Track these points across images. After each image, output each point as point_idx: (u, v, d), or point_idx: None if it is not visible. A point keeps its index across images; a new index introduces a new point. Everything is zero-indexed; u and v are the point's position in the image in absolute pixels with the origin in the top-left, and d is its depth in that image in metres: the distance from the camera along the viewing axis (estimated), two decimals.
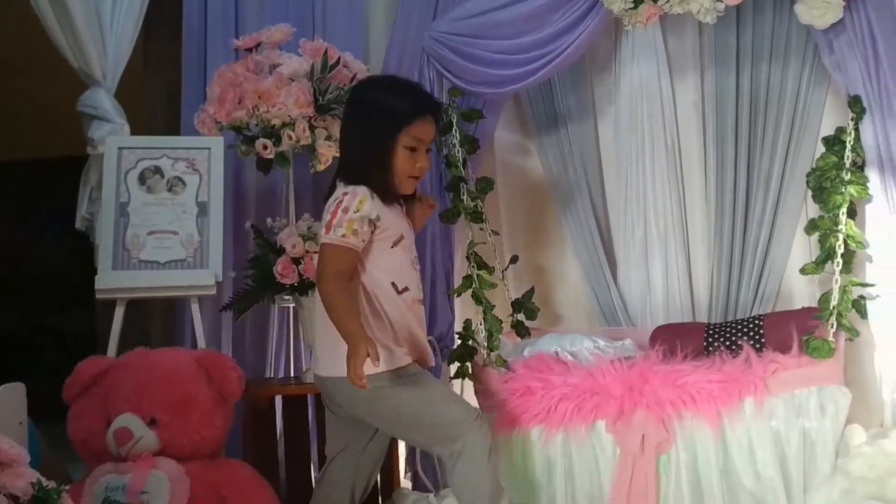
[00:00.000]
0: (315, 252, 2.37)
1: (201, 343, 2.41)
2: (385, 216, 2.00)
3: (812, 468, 2.16)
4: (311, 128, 2.51)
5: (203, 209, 2.44)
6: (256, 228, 2.52)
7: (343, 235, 1.94)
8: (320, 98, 2.53)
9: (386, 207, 2.00)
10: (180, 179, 2.45)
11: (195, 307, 2.43)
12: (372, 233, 1.98)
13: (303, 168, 2.68)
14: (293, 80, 2.50)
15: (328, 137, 2.55)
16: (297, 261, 2.39)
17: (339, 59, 2.57)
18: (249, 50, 2.60)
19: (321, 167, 2.57)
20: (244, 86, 2.50)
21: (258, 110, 2.47)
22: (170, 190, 2.43)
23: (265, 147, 2.49)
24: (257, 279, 2.45)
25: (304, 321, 2.50)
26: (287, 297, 2.53)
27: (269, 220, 2.53)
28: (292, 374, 2.73)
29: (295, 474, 2.60)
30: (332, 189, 2.06)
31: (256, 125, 2.51)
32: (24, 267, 5.04)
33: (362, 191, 1.97)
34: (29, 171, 4.81)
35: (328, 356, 1.99)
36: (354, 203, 1.95)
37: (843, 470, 2.13)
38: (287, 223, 2.53)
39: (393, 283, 2.01)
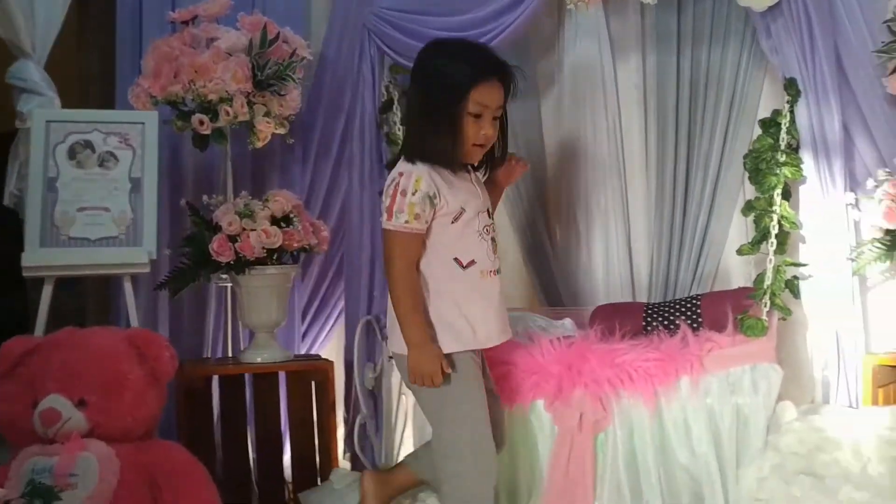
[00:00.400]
0: (251, 230, 2.34)
1: (134, 322, 2.35)
2: (444, 192, 1.92)
3: (745, 444, 2.20)
4: (250, 104, 2.46)
5: (136, 185, 2.37)
6: (191, 205, 2.46)
7: (406, 222, 1.90)
8: (259, 73, 2.47)
9: (445, 182, 1.93)
10: (112, 154, 2.37)
11: (128, 286, 2.37)
12: (434, 211, 1.93)
13: (242, 145, 2.63)
14: (231, 55, 2.44)
15: (267, 114, 2.50)
16: (233, 238, 2.34)
17: (278, 34, 2.52)
18: (186, 23, 2.53)
19: (259, 144, 2.53)
20: (180, 60, 2.43)
21: (194, 85, 2.41)
22: (101, 165, 2.35)
23: (201, 123, 2.43)
24: (192, 257, 2.40)
25: (242, 300, 2.46)
26: (224, 276, 2.49)
27: (205, 198, 2.48)
28: (230, 354, 2.68)
29: (232, 456, 2.57)
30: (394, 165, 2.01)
31: (193, 100, 2.45)
32: None
33: (417, 170, 1.92)
34: None
35: (396, 333, 1.98)
36: (411, 184, 1.90)
37: (774, 445, 2.17)
38: (224, 200, 2.49)
39: (456, 259, 1.95)
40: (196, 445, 2.26)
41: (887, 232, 2.26)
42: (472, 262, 1.96)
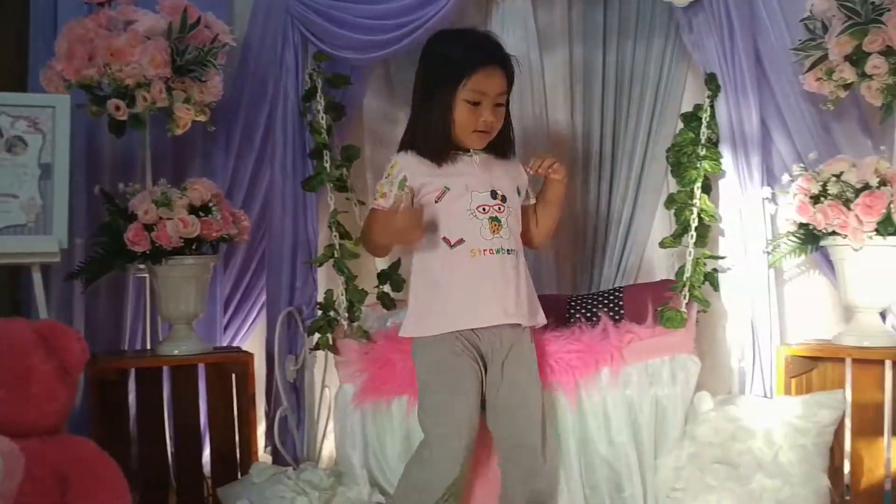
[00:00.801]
0: (168, 219, 2.28)
1: (44, 314, 2.27)
2: (422, 175, 1.99)
3: (663, 434, 2.22)
4: (169, 89, 2.39)
5: (46, 171, 2.28)
6: (106, 193, 2.39)
7: (374, 199, 2.06)
8: (178, 58, 2.41)
9: (428, 166, 1.99)
10: (21, 139, 2.27)
11: (37, 276, 2.28)
12: (413, 198, 1.99)
13: (162, 132, 2.55)
14: (149, 39, 2.37)
15: (187, 100, 2.43)
16: (149, 228, 2.28)
17: (199, 18, 2.45)
18: (102, 4, 2.44)
19: (179, 131, 2.46)
20: (95, 42, 2.35)
21: (110, 68, 2.34)
22: (9, 150, 2.26)
23: (117, 108, 2.36)
24: (106, 247, 2.33)
25: (159, 292, 2.40)
26: (141, 267, 2.42)
27: (121, 185, 2.41)
28: (149, 347, 2.62)
29: (149, 451, 2.50)
30: None
31: (108, 84, 2.37)
32: None
33: (399, 157, 2.04)
34: None
35: (407, 319, 2.07)
36: (387, 168, 2.06)
37: (691, 435, 2.20)
38: (142, 188, 2.42)
39: (445, 238, 1.99)
40: (110, 440, 2.20)
41: (801, 226, 2.31)
42: (461, 241, 1.98)
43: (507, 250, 2.00)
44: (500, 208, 2.00)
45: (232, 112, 2.72)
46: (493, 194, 2.00)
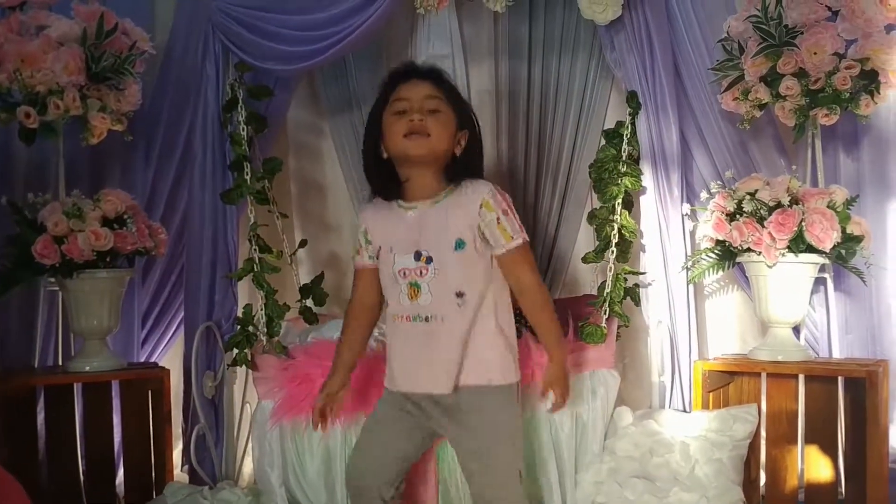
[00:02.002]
0: (79, 231, 2.21)
1: None
2: (371, 227, 1.96)
3: (583, 448, 2.24)
4: (84, 97, 2.33)
5: None
6: (13, 204, 2.30)
7: (352, 257, 2.02)
8: (94, 65, 2.34)
9: (379, 216, 1.94)
10: None
11: None
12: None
13: (79, 141, 2.48)
14: (62, 45, 2.30)
15: (103, 108, 2.37)
16: (59, 240, 2.21)
17: (116, 24, 2.39)
18: (13, 8, 2.36)
19: (94, 140, 2.39)
20: (5, 47, 2.27)
21: (20, 74, 2.26)
22: None
23: (27, 115, 2.28)
24: (14, 260, 2.24)
25: (70, 306, 2.32)
26: (52, 280, 2.34)
27: (30, 196, 2.32)
28: (61, 363, 2.53)
29: (59, 471, 2.41)
30: None
31: (19, 91, 2.29)
32: None
33: (363, 208, 2.01)
34: None
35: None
36: (359, 219, 2.01)
37: (611, 450, 2.22)
38: (53, 199, 2.34)
39: (386, 302, 1.96)
40: (17, 461, 2.13)
41: (718, 242, 2.35)
42: (387, 304, 1.95)
43: (425, 317, 1.86)
44: (421, 272, 1.87)
45: (152, 122, 2.67)
46: (417, 256, 1.88)
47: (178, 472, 2.54)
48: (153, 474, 2.42)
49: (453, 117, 1.90)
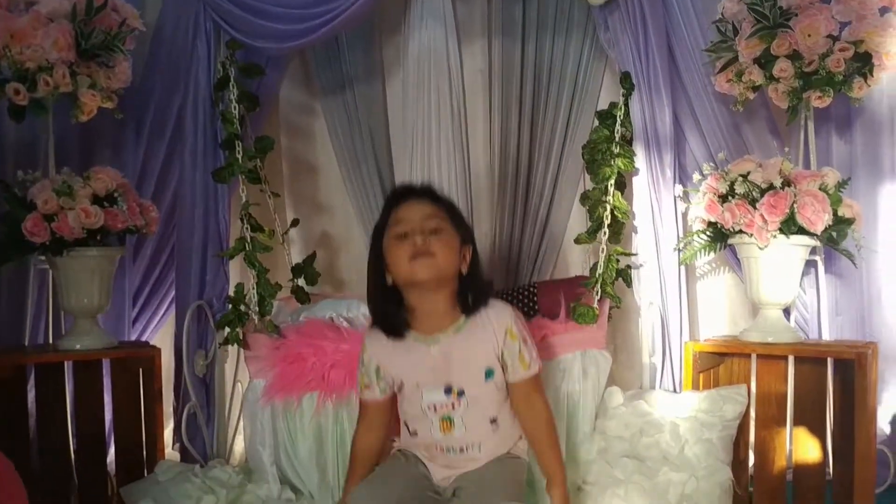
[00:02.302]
0: (70, 209, 2.20)
1: None
2: (385, 361, 1.89)
3: (574, 429, 2.24)
4: (73, 74, 2.31)
5: None
6: (3, 182, 2.28)
7: (360, 391, 1.95)
8: (83, 42, 2.32)
9: (390, 350, 1.87)
10: None
11: None
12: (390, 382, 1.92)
13: (69, 118, 2.46)
14: (52, 21, 2.28)
15: (93, 86, 2.35)
16: (49, 218, 2.20)
17: (106, 1, 2.36)
18: None
19: (84, 118, 2.37)
20: None
21: (10, 51, 2.24)
22: None
23: (17, 92, 2.26)
24: (3, 237, 2.23)
25: (60, 284, 2.31)
26: (42, 258, 2.33)
27: (20, 173, 2.31)
28: (51, 342, 2.52)
29: (50, 449, 2.41)
30: None
31: (8, 68, 2.27)
32: None
33: (366, 339, 1.93)
34: None
35: None
36: (361, 354, 1.93)
37: (601, 430, 2.23)
38: (43, 177, 2.32)
39: (405, 423, 1.93)
40: (7, 440, 2.12)
41: (710, 224, 2.35)
42: (416, 433, 1.92)
43: (460, 448, 1.87)
44: (454, 405, 1.85)
45: (143, 100, 2.64)
46: (448, 390, 1.85)
47: (170, 451, 2.54)
48: (144, 453, 2.41)
49: (455, 235, 1.86)
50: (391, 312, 1.86)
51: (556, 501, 1.87)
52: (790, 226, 2.21)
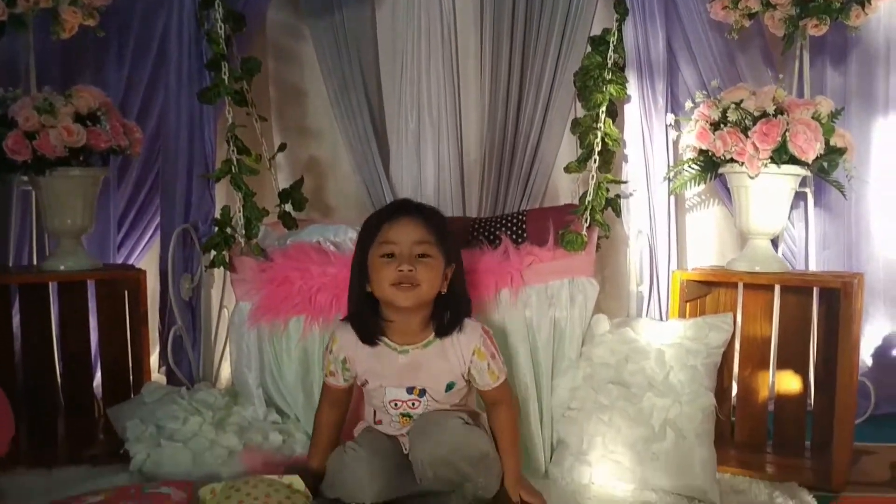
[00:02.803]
0: (51, 127, 2.16)
1: None
2: (352, 356, 1.92)
3: (560, 355, 2.24)
4: None
5: None
6: None
7: (325, 375, 1.99)
8: None
9: (359, 347, 1.90)
10: None
11: None
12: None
13: (49, 35, 2.40)
14: None
15: (73, 2, 2.29)
16: (31, 136, 2.16)
17: None
18: None
19: (65, 35, 2.33)
20: None
21: None
22: None
23: None
24: None
25: (43, 204, 2.28)
26: (25, 178, 2.30)
27: (0, 91, 2.26)
28: (35, 261, 2.50)
29: (35, 371, 2.41)
30: None
31: None
32: None
33: (337, 330, 1.95)
34: None
35: None
36: (330, 342, 1.97)
37: (587, 356, 2.23)
38: (23, 94, 2.27)
39: (374, 412, 1.97)
40: None
41: (701, 152, 2.33)
42: (381, 422, 1.97)
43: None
44: (413, 404, 1.92)
45: (126, 19, 2.59)
46: (410, 390, 1.91)
47: (156, 375, 2.54)
48: (131, 376, 2.42)
49: (442, 260, 1.88)
50: (367, 320, 1.91)
51: (509, 488, 1.91)
52: (781, 154, 2.19)
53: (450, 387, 1.93)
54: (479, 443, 1.84)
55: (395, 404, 1.93)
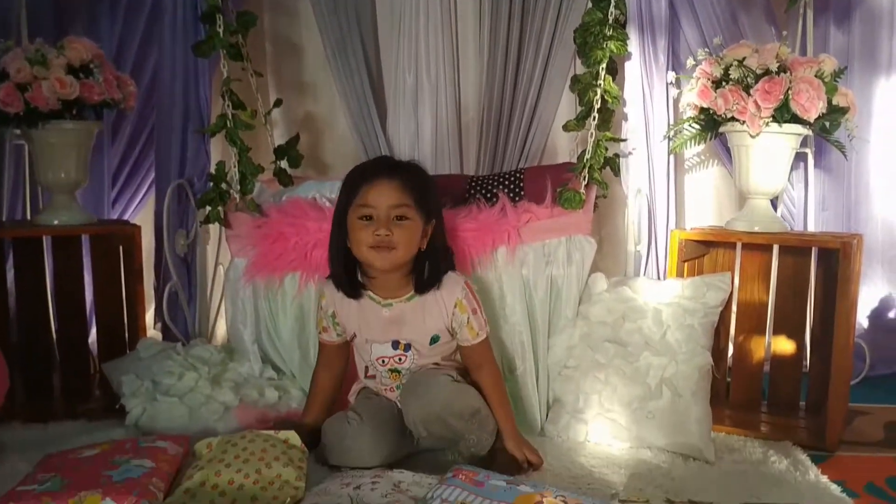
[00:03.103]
0: (44, 78, 2.12)
1: None
2: (344, 312, 1.95)
3: (557, 313, 2.24)
4: None
5: None
6: None
7: (318, 332, 2.02)
8: None
9: (345, 302, 1.92)
10: None
11: None
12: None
13: None
14: None
15: None
16: (23, 87, 2.12)
17: None
18: None
19: None
20: None
21: None
22: None
23: None
24: None
25: (36, 157, 2.26)
26: (17, 132, 2.27)
27: None
28: (29, 216, 2.48)
29: (30, 327, 2.40)
30: None
31: None
32: None
33: (324, 286, 1.98)
34: None
35: None
36: (319, 298, 2.00)
37: (584, 315, 2.23)
38: (15, 46, 2.23)
39: (366, 367, 1.99)
40: None
41: (702, 111, 2.30)
42: (373, 377, 1.99)
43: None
44: (400, 358, 1.94)
45: None
46: (395, 344, 1.93)
47: (152, 331, 2.53)
48: (126, 332, 2.41)
49: (420, 221, 1.87)
50: (348, 276, 1.91)
51: (512, 448, 1.91)
52: (783, 113, 2.16)
53: (434, 340, 1.94)
54: (470, 398, 1.85)
55: (383, 360, 1.95)
